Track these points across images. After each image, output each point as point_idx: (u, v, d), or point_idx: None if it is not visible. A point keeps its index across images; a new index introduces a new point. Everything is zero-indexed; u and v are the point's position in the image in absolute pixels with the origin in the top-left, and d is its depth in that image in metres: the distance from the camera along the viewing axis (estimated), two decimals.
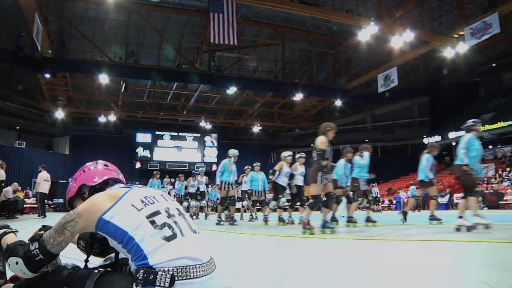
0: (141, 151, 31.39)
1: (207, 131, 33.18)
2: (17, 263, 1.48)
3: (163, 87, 26.57)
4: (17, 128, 27.78)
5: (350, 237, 5.94)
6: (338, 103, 26.74)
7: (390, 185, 30.40)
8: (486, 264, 3.08)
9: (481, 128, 6.59)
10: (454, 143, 27.99)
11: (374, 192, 26.03)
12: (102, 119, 29.17)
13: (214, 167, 32.80)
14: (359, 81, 24.78)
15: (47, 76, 20.38)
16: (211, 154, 33.40)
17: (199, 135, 33.18)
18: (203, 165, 30.04)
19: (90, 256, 1.73)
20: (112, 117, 29.00)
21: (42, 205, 13.10)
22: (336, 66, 26.55)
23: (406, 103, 32.09)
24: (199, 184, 13.94)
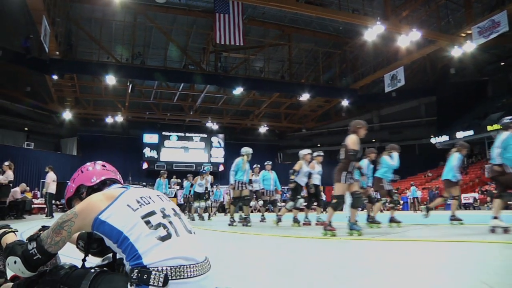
0: (148, 152, 31.50)
1: (213, 132, 33.21)
2: (15, 262, 1.50)
3: (169, 87, 26.66)
4: (26, 129, 28.00)
5: (365, 238, 5.89)
6: (345, 103, 26.64)
7: (397, 185, 30.14)
8: (488, 265, 3.07)
9: None
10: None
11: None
12: (109, 120, 29.29)
13: (221, 167, 32.90)
14: (365, 81, 24.69)
15: (55, 77, 20.50)
16: (218, 155, 33.43)
17: (205, 135, 33.21)
18: (210, 166, 30.10)
19: (87, 256, 1.75)
20: (119, 118, 29.12)
21: (50, 205, 13.21)
22: (343, 66, 26.46)
23: (413, 103, 31.90)
24: (207, 184, 13.45)
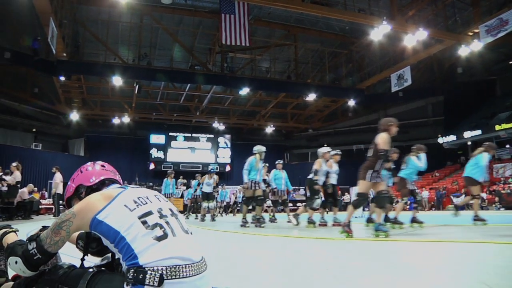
0: (155, 152, 31.63)
1: (220, 132, 33.26)
2: (16, 262, 1.52)
3: (176, 88, 26.73)
4: (33, 130, 28.21)
5: (368, 238, 5.88)
6: (351, 103, 26.56)
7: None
8: (489, 265, 3.05)
9: None
10: (469, 143, 27.66)
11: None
12: (116, 120, 29.41)
13: (228, 167, 32.95)
14: (372, 80, 24.60)
15: (62, 78, 20.65)
16: (224, 155, 33.49)
17: (212, 136, 33.28)
18: (217, 166, 30.18)
19: (86, 255, 1.78)
20: (126, 119, 29.24)
21: (58, 205, 13.32)
22: (349, 66, 26.39)
23: (420, 103, 31.70)
24: (215, 183, 13.28)
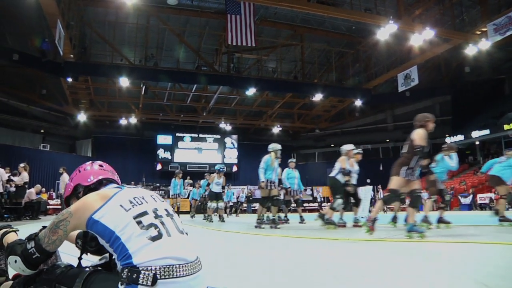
0: (162, 153, 31.78)
1: (227, 133, 33.31)
2: (16, 261, 1.55)
3: (182, 89, 26.81)
4: (42, 131, 28.43)
5: (371, 239, 5.84)
6: (358, 103, 26.50)
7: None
8: (491, 266, 3.03)
9: None
10: (477, 143, 27.46)
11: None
12: (123, 121, 29.55)
13: (235, 168, 32.99)
14: (379, 80, 24.47)
15: (69, 80, 20.83)
16: (231, 155, 33.56)
17: (219, 136, 33.36)
18: (224, 166, 30.21)
19: (83, 254, 1.80)
20: (133, 120, 29.37)
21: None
22: (356, 66, 26.31)
23: (427, 102, 31.51)
24: (224, 183, 13.15)
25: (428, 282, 2.54)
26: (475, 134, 26.84)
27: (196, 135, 33.01)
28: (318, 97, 24.97)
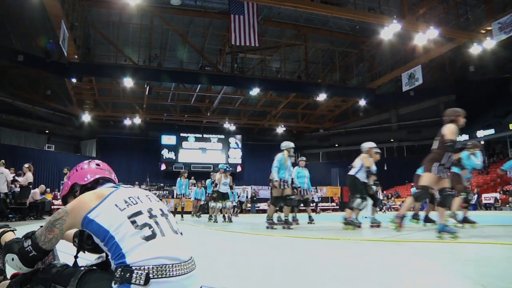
0: (166, 153, 31.84)
1: (231, 133, 33.36)
2: (13, 259, 1.57)
3: (186, 89, 26.85)
4: (46, 131, 28.57)
5: (373, 239, 5.81)
6: (362, 102, 26.46)
7: (416, 185, 29.84)
8: (492, 268, 3.01)
9: None
10: (482, 142, 27.30)
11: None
12: (127, 121, 29.64)
13: (239, 168, 33.01)
14: (383, 80, 24.39)
15: (74, 80, 20.91)
16: (235, 156, 33.60)
17: (223, 136, 33.42)
18: (227, 166, 30.21)
19: (83, 252, 1.83)
20: (137, 120, 29.44)
21: None
22: (360, 66, 26.25)
23: (432, 102, 31.39)
24: (231, 182, 12.94)
25: (426, 282, 2.53)
26: (480, 133, 26.69)
27: (200, 135, 33.08)
28: (322, 97, 24.95)
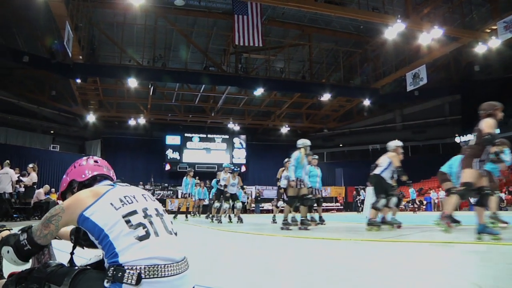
0: (170, 153, 31.91)
1: (235, 133, 33.38)
2: (8, 252, 1.60)
3: (191, 89, 26.89)
4: (52, 132, 28.73)
5: (375, 239, 5.79)
6: (367, 102, 26.39)
7: (421, 185, 29.76)
8: (489, 268, 3.00)
9: None
10: None
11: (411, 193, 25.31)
12: (132, 122, 29.75)
13: (243, 168, 33.00)
14: (387, 80, 24.31)
15: (78, 81, 21.03)
16: (240, 156, 33.61)
17: (227, 136, 33.44)
18: (232, 166, 30.27)
19: (82, 248, 1.88)
20: (142, 120, 29.52)
21: None
22: (364, 65, 26.19)
23: (437, 102, 31.31)
24: (241, 182, 12.72)
25: (421, 283, 2.53)
26: None
27: (205, 136, 33.13)
28: (326, 97, 24.90)
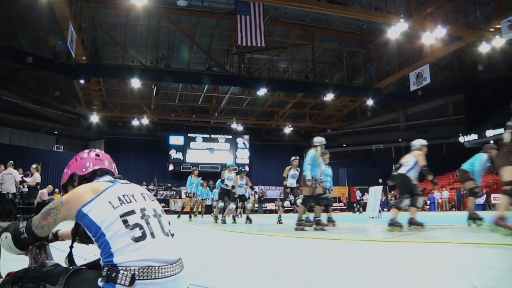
0: (174, 154, 31.99)
1: (238, 133, 33.41)
2: (6, 237, 1.64)
3: (194, 89, 26.93)
4: (55, 132, 28.87)
5: (376, 239, 5.78)
6: (370, 102, 26.34)
7: (424, 185, 29.62)
8: (487, 268, 3.00)
9: None
10: (492, 142, 27.06)
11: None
12: (135, 122, 29.84)
13: (247, 168, 32.99)
14: (390, 79, 24.21)
15: (82, 81, 21.06)
16: (243, 156, 33.64)
17: (230, 136, 33.49)
18: (235, 166, 30.28)
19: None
20: (145, 120, 29.61)
21: None
22: (367, 65, 26.12)
23: (440, 101, 31.22)
24: (249, 183, 12.56)
25: (417, 283, 2.53)
26: (489, 133, 26.42)
27: (208, 136, 33.19)
28: (329, 96, 24.86)
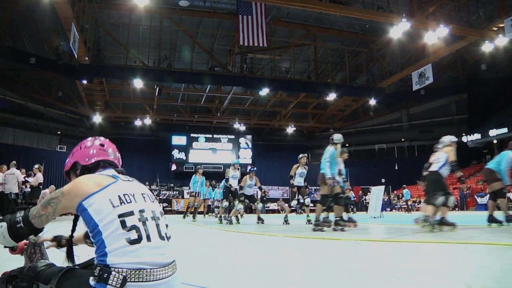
0: (176, 154, 31.99)
1: (241, 133, 33.39)
2: (1, 226, 1.62)
3: (196, 90, 26.94)
4: (58, 133, 28.95)
5: (377, 239, 5.77)
6: (373, 102, 26.31)
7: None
8: (482, 268, 2.99)
9: None
10: (495, 141, 27.00)
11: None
12: (138, 122, 29.88)
13: (249, 168, 32.99)
14: (393, 79, 24.18)
15: (85, 82, 21.12)
16: (246, 156, 33.56)
17: (233, 136, 33.46)
18: (238, 166, 30.31)
19: (74, 232, 1.88)
20: (148, 121, 29.64)
21: None
22: (370, 65, 26.08)
23: (443, 101, 31.13)
24: (258, 183, 12.23)
25: (414, 283, 2.53)
26: (492, 132, 26.35)
27: (211, 136, 33.18)
28: (331, 96, 24.86)
